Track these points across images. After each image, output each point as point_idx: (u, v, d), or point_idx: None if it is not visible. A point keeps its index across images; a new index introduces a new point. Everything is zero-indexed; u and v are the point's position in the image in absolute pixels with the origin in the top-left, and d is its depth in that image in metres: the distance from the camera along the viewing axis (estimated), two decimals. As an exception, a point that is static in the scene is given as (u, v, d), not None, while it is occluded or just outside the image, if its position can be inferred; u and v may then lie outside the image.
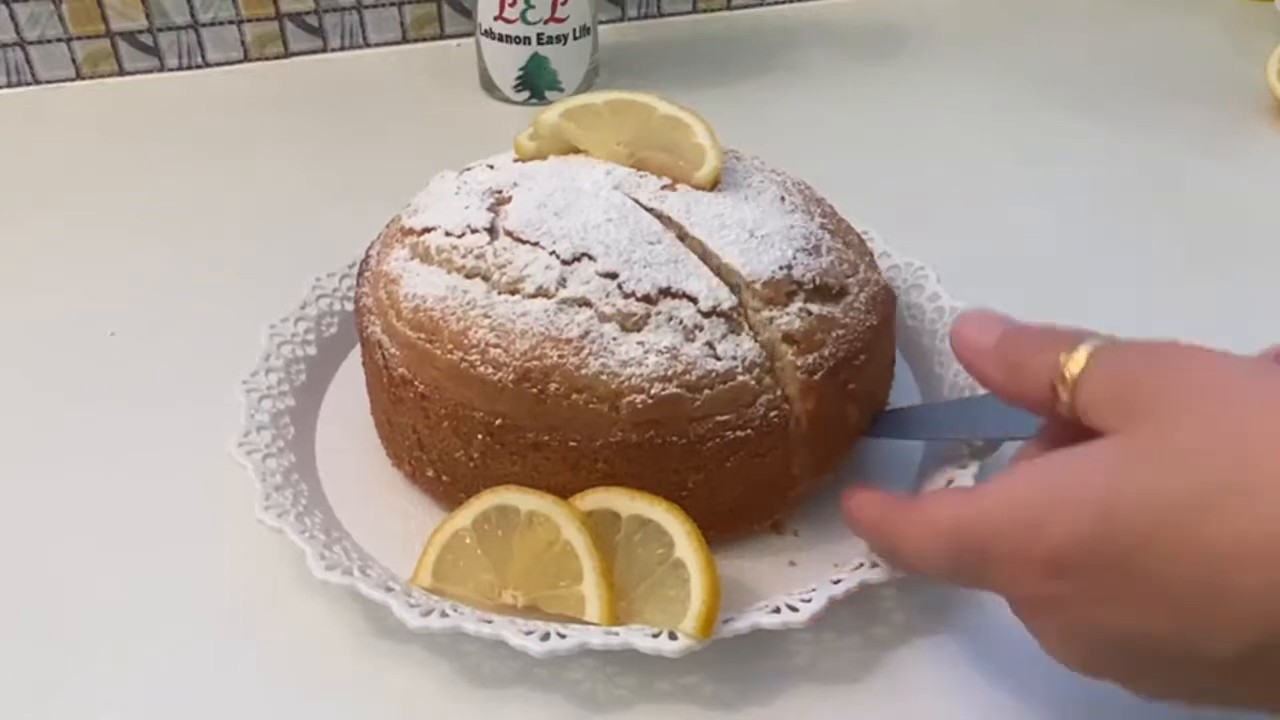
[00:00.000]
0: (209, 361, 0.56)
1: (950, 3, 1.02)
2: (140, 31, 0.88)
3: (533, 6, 0.81)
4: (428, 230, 0.49)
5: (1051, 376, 0.36)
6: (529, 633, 0.41)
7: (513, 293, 0.46)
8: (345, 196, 0.74)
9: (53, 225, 0.73)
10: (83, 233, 0.72)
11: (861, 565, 0.45)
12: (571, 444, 0.45)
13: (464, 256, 0.47)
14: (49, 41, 0.87)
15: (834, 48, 0.95)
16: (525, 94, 0.85)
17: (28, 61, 0.87)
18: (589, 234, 0.46)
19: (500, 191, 0.50)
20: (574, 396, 0.45)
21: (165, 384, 0.59)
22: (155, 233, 0.72)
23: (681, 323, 0.45)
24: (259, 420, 0.51)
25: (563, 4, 0.81)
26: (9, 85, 0.88)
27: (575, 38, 0.84)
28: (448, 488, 0.49)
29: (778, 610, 0.43)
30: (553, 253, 0.46)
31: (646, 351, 0.45)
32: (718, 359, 0.45)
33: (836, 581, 0.44)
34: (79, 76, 0.89)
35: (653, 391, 0.44)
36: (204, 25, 0.89)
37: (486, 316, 0.46)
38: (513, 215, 0.48)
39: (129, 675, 0.45)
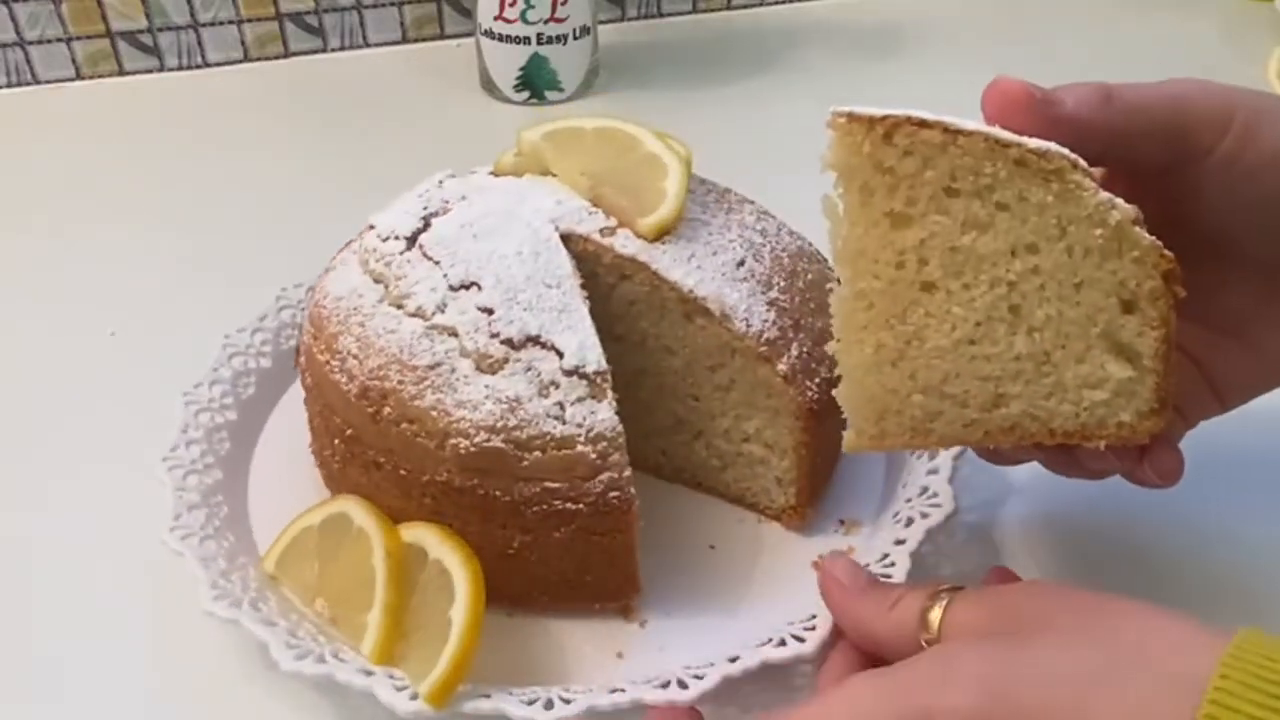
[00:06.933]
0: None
1: (950, 3, 1.02)
2: (140, 31, 0.88)
3: (533, 6, 0.81)
4: (372, 228, 0.50)
5: (917, 616, 0.37)
6: (401, 689, 0.40)
7: (398, 307, 0.46)
8: (345, 197, 0.74)
9: (53, 225, 0.73)
10: (82, 232, 0.72)
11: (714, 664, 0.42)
12: (402, 472, 0.45)
13: (378, 261, 0.47)
14: (49, 41, 0.87)
15: (834, 48, 0.95)
16: (525, 94, 0.85)
17: (28, 61, 0.87)
18: (489, 263, 0.45)
19: (447, 203, 0.49)
20: (404, 425, 0.44)
21: (165, 384, 0.58)
22: (155, 233, 0.72)
23: (539, 375, 0.43)
24: (191, 437, 0.51)
25: (563, 4, 0.81)
26: (9, 85, 0.88)
27: (575, 38, 0.84)
28: (328, 482, 0.50)
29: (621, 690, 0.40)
30: (445, 275, 0.45)
31: (486, 398, 0.43)
32: (562, 423, 0.43)
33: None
34: (79, 76, 0.89)
35: (477, 439, 0.43)
36: (204, 25, 0.89)
37: (361, 325, 0.46)
38: (435, 230, 0.47)
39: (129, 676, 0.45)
